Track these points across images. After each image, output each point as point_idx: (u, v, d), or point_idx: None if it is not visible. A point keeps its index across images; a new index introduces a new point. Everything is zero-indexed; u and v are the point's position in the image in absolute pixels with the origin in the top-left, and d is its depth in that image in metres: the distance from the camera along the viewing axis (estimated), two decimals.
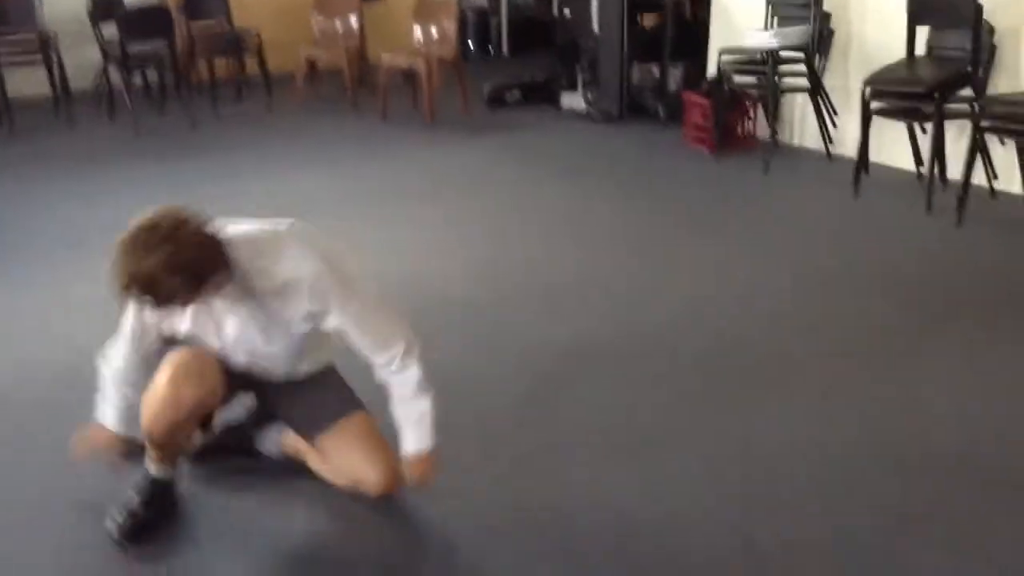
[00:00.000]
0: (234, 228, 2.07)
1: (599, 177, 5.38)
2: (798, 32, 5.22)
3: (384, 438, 2.26)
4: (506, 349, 3.17)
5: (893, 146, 5.06)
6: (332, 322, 2.11)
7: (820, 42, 5.28)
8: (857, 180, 4.81)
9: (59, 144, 6.10)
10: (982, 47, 4.48)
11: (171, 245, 1.87)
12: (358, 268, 2.19)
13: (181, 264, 1.88)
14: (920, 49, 4.79)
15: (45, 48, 6.40)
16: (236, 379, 2.25)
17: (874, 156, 4.97)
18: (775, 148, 5.48)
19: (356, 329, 2.12)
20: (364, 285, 2.17)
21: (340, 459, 2.29)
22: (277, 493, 2.38)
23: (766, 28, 5.49)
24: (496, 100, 7.09)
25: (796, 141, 5.80)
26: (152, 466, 2.26)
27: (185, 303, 2.02)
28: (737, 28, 5.79)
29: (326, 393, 2.34)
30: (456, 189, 5.15)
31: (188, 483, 2.38)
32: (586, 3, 7.02)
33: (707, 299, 3.59)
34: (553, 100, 7.04)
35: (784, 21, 5.45)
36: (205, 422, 2.36)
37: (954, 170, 4.54)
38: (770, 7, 5.53)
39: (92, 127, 6.45)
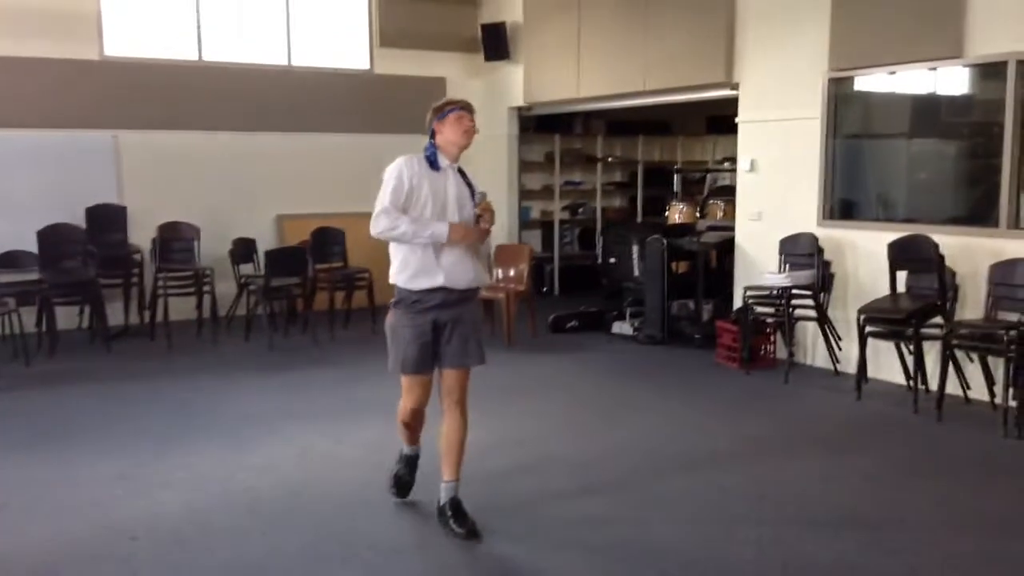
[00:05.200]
0: None
1: (645, 383, 6.69)
2: (805, 275, 6.69)
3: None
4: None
5: (887, 363, 6.37)
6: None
7: (824, 282, 6.73)
8: (859, 387, 6.08)
9: (207, 356, 7.54)
10: (947, 286, 5.89)
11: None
12: None
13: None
14: (901, 287, 6.22)
15: (199, 281, 8.01)
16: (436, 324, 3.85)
17: (872, 372, 6.30)
18: (792, 365, 6.77)
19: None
20: None
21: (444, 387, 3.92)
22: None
23: (780, 271, 6.96)
24: (558, 327, 8.55)
25: (809, 361, 7.12)
26: (406, 448, 4.17)
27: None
28: (756, 271, 7.30)
29: (473, 339, 3.88)
30: (530, 389, 6.48)
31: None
32: (628, 253, 8.65)
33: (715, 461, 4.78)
34: (605, 328, 8.48)
35: (794, 267, 6.92)
36: None
37: (934, 381, 5.81)
38: (782, 256, 7.04)
39: (232, 343, 7.93)
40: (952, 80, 6.42)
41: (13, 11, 8.15)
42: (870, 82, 6.85)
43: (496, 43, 10.06)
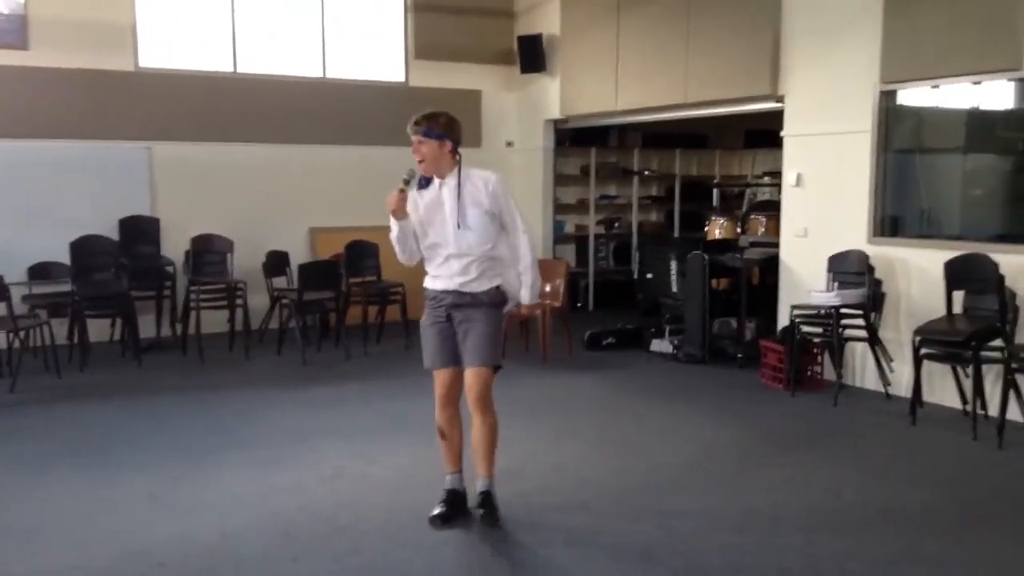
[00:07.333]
0: None
1: (687, 404, 6.47)
2: (855, 293, 6.45)
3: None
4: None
5: (940, 387, 6.11)
6: (504, 219, 3.97)
7: (874, 301, 6.47)
8: (913, 411, 5.82)
9: (239, 370, 7.42)
10: (1007, 307, 5.63)
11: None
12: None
13: (453, 119, 3.98)
14: (957, 308, 5.96)
15: (232, 295, 7.90)
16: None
17: (927, 396, 6.03)
18: (841, 387, 6.52)
19: (513, 228, 4.01)
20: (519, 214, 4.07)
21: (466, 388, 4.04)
22: None
23: (828, 289, 6.71)
24: (595, 344, 8.34)
25: (858, 383, 6.85)
26: (448, 478, 4.19)
27: (442, 149, 3.94)
28: (802, 289, 7.05)
29: (482, 339, 3.97)
30: (568, 410, 6.28)
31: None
32: (666, 269, 8.43)
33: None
34: (642, 345, 8.27)
35: (843, 285, 6.68)
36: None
37: (994, 406, 5.55)
38: (830, 274, 6.79)
39: (264, 358, 7.81)
40: (1010, 93, 6.17)
41: (48, 22, 8.11)
42: (923, 95, 6.62)
43: (532, 56, 9.91)
